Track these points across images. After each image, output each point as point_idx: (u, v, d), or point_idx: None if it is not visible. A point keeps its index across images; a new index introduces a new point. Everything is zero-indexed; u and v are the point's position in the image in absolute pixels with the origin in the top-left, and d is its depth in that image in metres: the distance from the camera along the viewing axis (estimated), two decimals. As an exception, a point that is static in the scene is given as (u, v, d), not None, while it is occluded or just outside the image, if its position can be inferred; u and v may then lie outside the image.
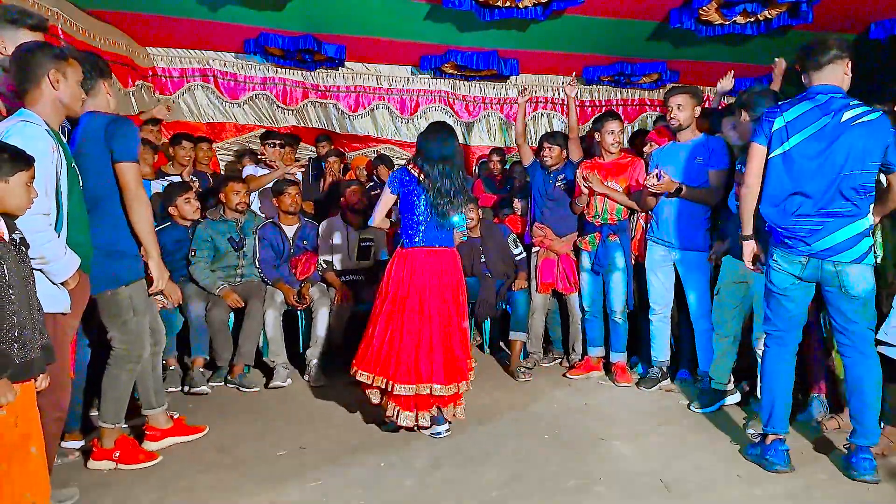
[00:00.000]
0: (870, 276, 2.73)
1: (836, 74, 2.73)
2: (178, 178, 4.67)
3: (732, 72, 4.25)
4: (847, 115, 2.66)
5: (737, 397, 3.64)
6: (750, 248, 2.97)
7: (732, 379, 3.66)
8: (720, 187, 3.68)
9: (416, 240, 3.32)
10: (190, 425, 3.28)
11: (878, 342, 2.81)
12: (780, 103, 2.86)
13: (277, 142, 5.24)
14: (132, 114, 5.02)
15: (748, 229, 2.95)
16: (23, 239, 2.14)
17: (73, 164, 2.50)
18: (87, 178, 2.67)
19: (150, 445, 3.08)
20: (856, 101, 2.71)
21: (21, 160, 2.10)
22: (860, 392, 2.77)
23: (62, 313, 2.41)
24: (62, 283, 2.39)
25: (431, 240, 3.32)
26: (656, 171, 3.75)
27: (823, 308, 3.01)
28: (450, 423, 3.30)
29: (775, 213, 2.80)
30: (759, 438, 3.03)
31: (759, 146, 2.82)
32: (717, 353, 3.62)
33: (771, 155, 2.79)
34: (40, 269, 2.30)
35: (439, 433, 3.25)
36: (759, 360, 3.39)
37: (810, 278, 2.80)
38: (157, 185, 4.55)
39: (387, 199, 3.38)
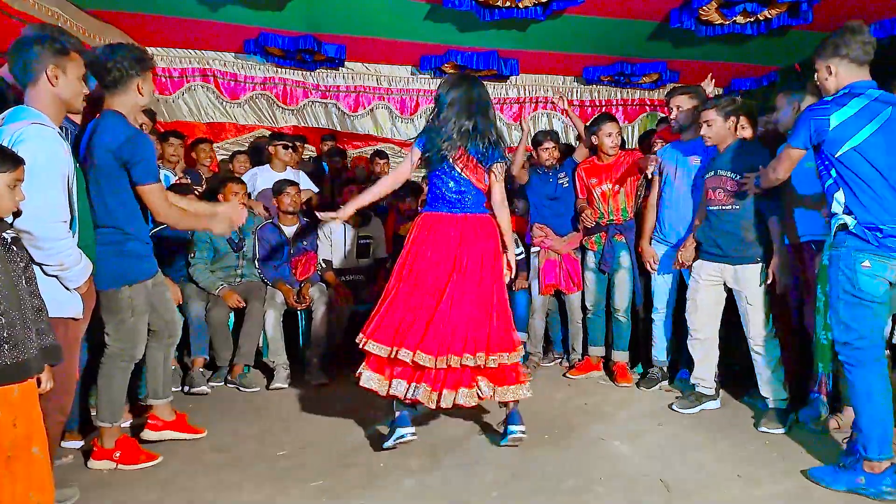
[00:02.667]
0: None
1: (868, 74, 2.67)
2: (171, 174, 4.66)
3: (711, 75, 4.24)
4: None
5: (717, 404, 3.62)
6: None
7: (717, 384, 3.66)
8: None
9: (433, 204, 3.13)
10: (191, 425, 3.27)
11: None
12: (826, 100, 2.66)
13: (280, 143, 5.08)
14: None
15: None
16: (15, 238, 2.10)
17: (77, 165, 2.47)
18: (100, 178, 2.66)
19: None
20: None
21: (7, 161, 2.02)
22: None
23: (74, 318, 2.40)
24: (75, 288, 2.38)
25: (446, 204, 3.09)
26: None
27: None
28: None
29: (868, 213, 2.57)
30: (853, 461, 2.63)
31: (797, 150, 2.71)
32: (697, 357, 3.62)
33: (839, 152, 2.60)
34: (56, 276, 2.28)
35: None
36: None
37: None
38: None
39: (409, 156, 3.17)
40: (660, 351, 4.07)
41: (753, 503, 2.61)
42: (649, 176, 3.95)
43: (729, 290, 3.50)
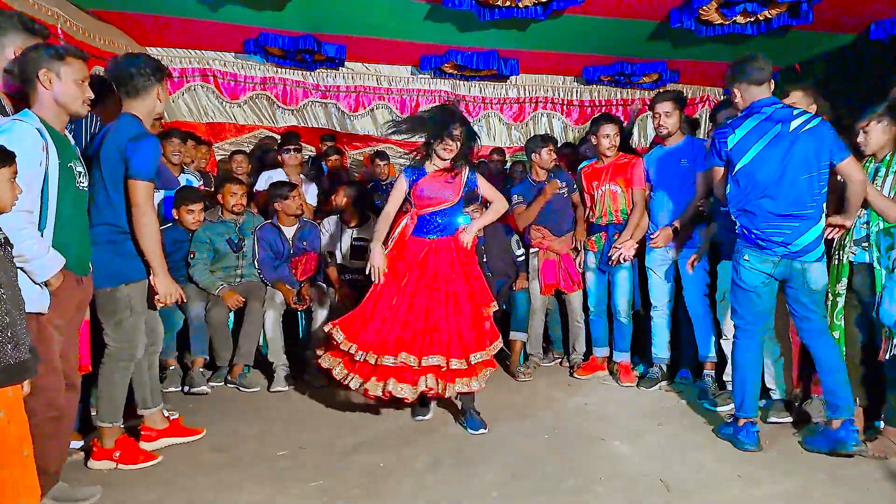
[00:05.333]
0: (825, 273, 3.05)
1: (771, 89, 3.03)
2: (194, 179, 4.68)
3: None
4: (794, 123, 2.93)
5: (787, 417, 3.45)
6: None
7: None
8: (705, 187, 3.67)
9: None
10: (187, 427, 3.26)
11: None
12: (729, 121, 3.16)
13: (293, 147, 5.14)
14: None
15: None
16: (6, 238, 2.11)
17: (69, 164, 2.47)
18: (108, 176, 2.70)
19: (144, 446, 3.07)
20: (798, 110, 3.00)
21: (4, 157, 2.06)
22: (831, 370, 3.00)
23: (40, 313, 2.35)
24: (45, 284, 2.35)
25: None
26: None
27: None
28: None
29: (747, 219, 3.03)
30: (731, 419, 3.25)
31: (717, 167, 3.18)
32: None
33: (735, 169, 3.04)
34: (21, 268, 2.26)
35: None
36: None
37: (779, 276, 3.04)
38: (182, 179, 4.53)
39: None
40: (660, 348, 4.09)
41: (753, 503, 2.62)
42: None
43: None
